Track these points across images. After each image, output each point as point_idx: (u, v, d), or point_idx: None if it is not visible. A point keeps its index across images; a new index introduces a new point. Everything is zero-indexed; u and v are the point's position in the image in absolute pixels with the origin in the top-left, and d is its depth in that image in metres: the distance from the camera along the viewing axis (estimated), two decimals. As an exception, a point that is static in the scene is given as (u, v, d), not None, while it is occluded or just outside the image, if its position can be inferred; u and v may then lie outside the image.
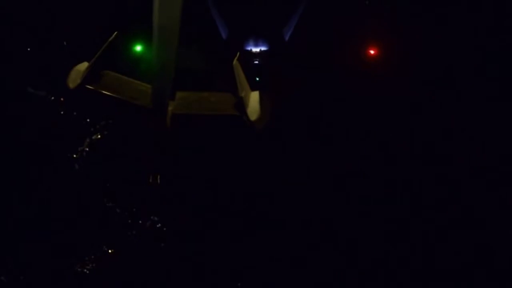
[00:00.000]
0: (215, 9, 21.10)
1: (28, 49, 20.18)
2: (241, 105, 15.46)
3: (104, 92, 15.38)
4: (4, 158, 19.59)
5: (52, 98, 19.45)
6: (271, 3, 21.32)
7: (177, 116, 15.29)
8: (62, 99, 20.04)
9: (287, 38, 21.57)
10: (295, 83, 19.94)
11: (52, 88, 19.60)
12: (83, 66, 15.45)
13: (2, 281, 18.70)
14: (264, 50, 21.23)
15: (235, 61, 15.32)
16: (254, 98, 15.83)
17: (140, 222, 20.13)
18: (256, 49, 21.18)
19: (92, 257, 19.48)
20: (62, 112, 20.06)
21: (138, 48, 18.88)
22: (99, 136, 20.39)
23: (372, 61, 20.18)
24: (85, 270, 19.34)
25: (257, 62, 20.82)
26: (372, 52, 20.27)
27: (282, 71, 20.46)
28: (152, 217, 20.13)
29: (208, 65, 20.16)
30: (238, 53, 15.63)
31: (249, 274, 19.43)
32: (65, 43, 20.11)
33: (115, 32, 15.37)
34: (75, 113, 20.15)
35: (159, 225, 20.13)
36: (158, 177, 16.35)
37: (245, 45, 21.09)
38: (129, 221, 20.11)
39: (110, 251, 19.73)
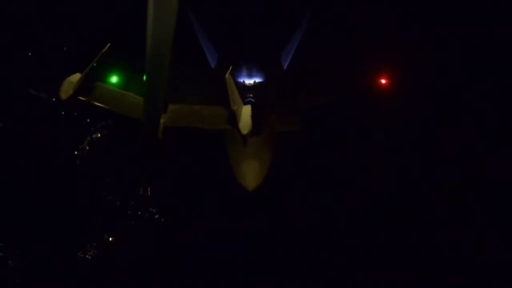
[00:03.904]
0: (202, 34, 17.36)
1: (29, 53, 18.28)
2: (233, 118, 13.75)
3: (96, 103, 13.75)
4: (13, 155, 18.16)
5: (54, 99, 17.29)
6: (266, 27, 17.48)
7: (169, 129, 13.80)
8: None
9: (286, 65, 17.44)
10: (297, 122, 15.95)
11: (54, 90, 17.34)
12: (76, 77, 13.68)
13: (9, 265, 17.51)
14: (259, 82, 16.67)
15: (227, 75, 13.45)
16: (246, 112, 13.89)
17: (139, 213, 18.56)
18: (249, 81, 16.65)
19: (94, 244, 18.19)
20: (63, 113, 18.15)
21: (114, 79, 15.94)
22: (99, 135, 18.63)
23: (383, 90, 16.46)
24: (87, 256, 18.11)
25: (251, 98, 15.99)
26: (383, 81, 16.41)
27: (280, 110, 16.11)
28: (150, 209, 18.54)
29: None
30: (230, 67, 13.54)
31: (242, 262, 17.95)
32: (65, 48, 18.07)
33: (108, 44, 13.48)
34: (75, 114, 18.25)
35: (157, 216, 18.58)
36: (149, 189, 14.55)
37: (237, 77, 16.37)
38: (129, 212, 18.55)
39: (110, 239, 18.39)
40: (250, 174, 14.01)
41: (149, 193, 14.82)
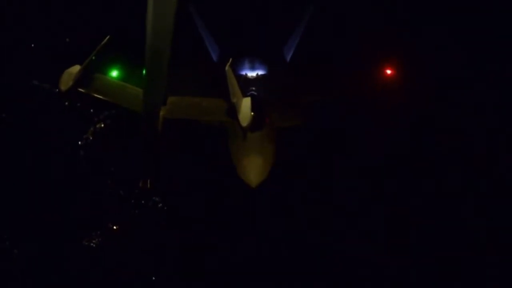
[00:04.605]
0: (204, 27, 16.91)
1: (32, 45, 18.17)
2: (233, 110, 13.35)
3: (95, 95, 13.53)
4: (18, 147, 18.18)
5: (57, 90, 17.08)
6: (269, 17, 17.14)
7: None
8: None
9: (288, 58, 16.97)
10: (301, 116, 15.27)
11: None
12: (75, 69, 13.45)
13: (14, 253, 17.54)
14: (262, 75, 16.11)
15: (227, 67, 13.04)
16: (245, 104, 13.46)
17: (143, 202, 18.47)
18: (252, 74, 16.09)
19: (98, 232, 18.15)
20: (66, 103, 18.00)
21: (114, 72, 15.51)
22: (102, 125, 18.54)
23: (389, 81, 15.72)
24: (92, 244, 18.10)
25: (254, 91, 15.36)
26: (389, 72, 15.67)
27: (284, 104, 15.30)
28: (153, 198, 18.46)
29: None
30: (230, 59, 13.19)
31: (243, 251, 17.85)
32: (67, 39, 17.85)
33: (108, 36, 13.24)
34: (78, 104, 18.09)
35: (160, 205, 18.51)
36: (148, 182, 14.35)
37: (240, 70, 15.91)
38: (132, 201, 18.49)
39: (114, 227, 18.34)
40: (253, 170, 13.60)
41: (149, 185, 14.58)
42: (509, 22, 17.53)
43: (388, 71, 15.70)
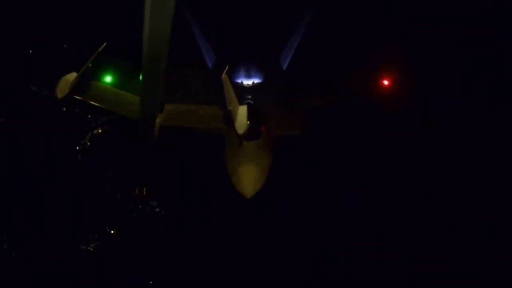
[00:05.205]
0: (200, 33, 16.73)
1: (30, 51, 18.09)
2: (229, 118, 13.27)
3: (92, 102, 13.46)
4: (15, 151, 18.09)
5: (55, 95, 17.04)
6: (266, 25, 16.86)
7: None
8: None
9: (285, 66, 16.69)
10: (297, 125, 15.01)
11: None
12: (72, 76, 13.34)
13: (13, 256, 17.56)
14: (258, 83, 15.77)
15: (224, 75, 12.93)
16: (242, 112, 13.29)
17: (140, 206, 18.49)
18: (248, 82, 15.76)
19: (96, 236, 18.13)
20: (64, 109, 17.84)
21: (108, 79, 15.30)
22: (99, 131, 18.47)
23: (386, 92, 15.37)
24: (89, 248, 18.07)
25: (249, 99, 14.94)
26: (386, 82, 15.30)
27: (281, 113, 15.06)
28: (151, 202, 18.47)
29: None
30: (227, 67, 13.08)
31: (241, 254, 17.86)
32: (65, 45, 17.79)
33: (104, 43, 13.15)
34: (76, 110, 18.00)
35: (158, 209, 18.52)
36: (144, 189, 14.24)
37: (235, 77, 15.60)
38: (130, 205, 18.47)
39: (112, 231, 18.31)
40: (248, 179, 13.54)
41: (144, 193, 14.47)
42: (509, 22, 17.42)
43: (386, 82, 15.49)
